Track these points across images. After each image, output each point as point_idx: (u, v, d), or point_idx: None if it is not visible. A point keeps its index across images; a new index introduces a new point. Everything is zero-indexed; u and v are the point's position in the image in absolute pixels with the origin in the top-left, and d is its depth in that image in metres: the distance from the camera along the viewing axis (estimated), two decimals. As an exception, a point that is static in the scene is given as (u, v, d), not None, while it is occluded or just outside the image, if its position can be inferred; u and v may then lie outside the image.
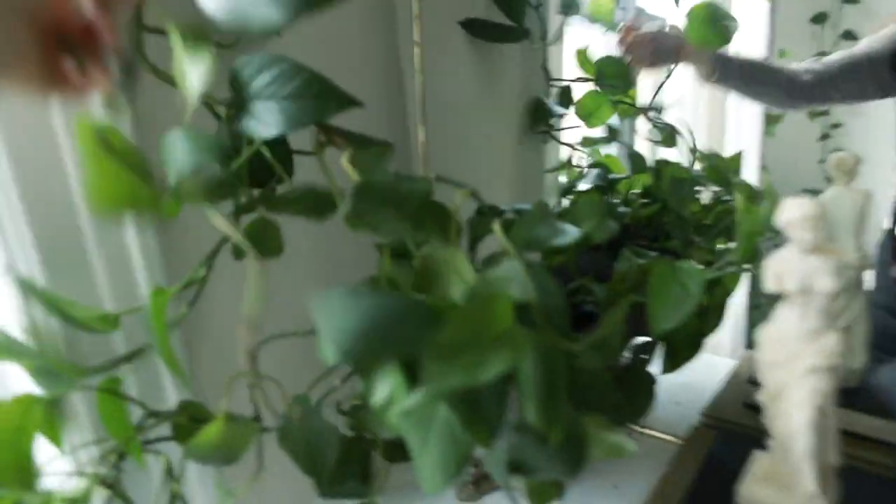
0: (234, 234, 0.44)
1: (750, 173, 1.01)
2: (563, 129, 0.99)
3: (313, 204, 0.52)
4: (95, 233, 0.49)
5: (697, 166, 0.84)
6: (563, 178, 1.00)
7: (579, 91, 0.95)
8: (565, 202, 0.89)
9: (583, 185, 0.86)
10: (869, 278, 0.81)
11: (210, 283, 0.51)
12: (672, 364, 0.64)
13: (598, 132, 1.00)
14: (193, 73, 0.41)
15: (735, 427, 0.62)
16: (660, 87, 0.95)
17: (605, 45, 1.16)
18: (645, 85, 1.04)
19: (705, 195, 0.83)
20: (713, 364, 0.83)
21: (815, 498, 0.46)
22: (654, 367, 0.61)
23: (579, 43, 0.98)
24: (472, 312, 0.37)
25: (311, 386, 0.58)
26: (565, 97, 0.96)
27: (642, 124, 1.01)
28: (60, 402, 0.48)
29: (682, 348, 0.64)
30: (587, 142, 0.99)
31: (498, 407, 0.39)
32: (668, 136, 0.93)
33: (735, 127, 1.31)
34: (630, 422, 0.61)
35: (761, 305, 0.70)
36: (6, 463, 0.43)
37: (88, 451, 0.54)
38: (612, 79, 0.93)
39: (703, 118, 1.52)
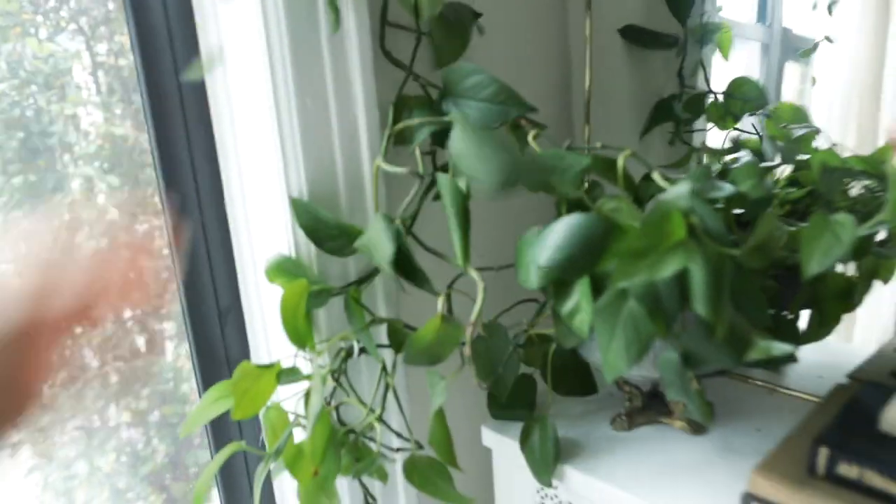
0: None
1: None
2: (692, 131, 1.06)
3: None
4: (343, 165, 0.65)
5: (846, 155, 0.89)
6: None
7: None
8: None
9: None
10: None
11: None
12: (819, 331, 0.69)
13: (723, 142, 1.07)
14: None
15: (880, 385, 0.66)
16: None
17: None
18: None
19: (855, 190, 0.87)
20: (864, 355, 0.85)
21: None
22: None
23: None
24: (652, 224, 0.47)
25: (500, 314, 0.70)
26: (694, 103, 1.04)
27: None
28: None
29: (828, 325, 0.70)
30: (708, 151, 1.06)
31: (674, 302, 0.49)
32: (809, 137, 0.98)
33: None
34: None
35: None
36: (291, 325, 0.59)
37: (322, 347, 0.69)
38: (744, 94, 1.01)
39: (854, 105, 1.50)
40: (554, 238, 0.50)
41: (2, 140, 0.69)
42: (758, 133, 1.05)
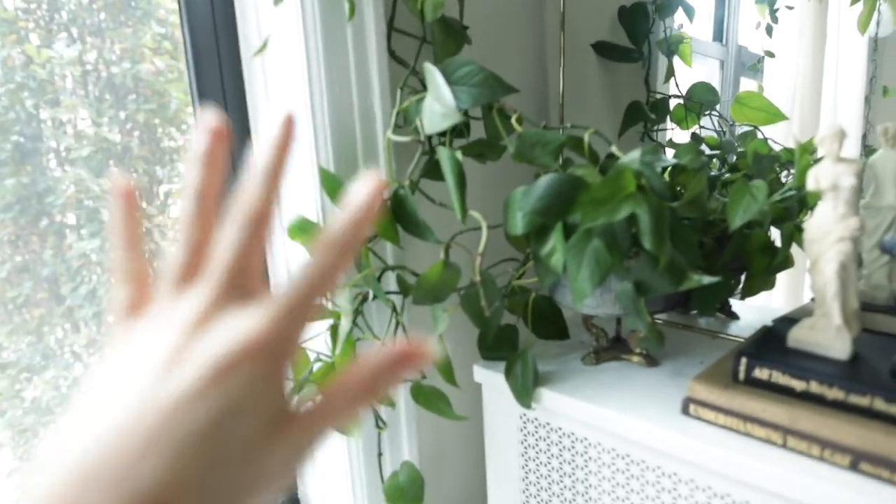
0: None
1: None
2: (658, 129, 1.22)
3: (484, 149, 0.80)
4: (362, 140, 0.78)
5: (777, 147, 1.05)
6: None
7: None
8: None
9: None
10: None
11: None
12: (750, 289, 0.85)
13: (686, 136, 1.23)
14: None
15: (791, 318, 0.82)
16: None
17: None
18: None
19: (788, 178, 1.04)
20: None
21: (841, 329, 0.65)
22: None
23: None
24: (610, 180, 0.62)
25: (489, 268, 0.83)
26: (660, 106, 1.20)
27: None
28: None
29: (758, 279, 0.85)
30: (672, 145, 1.22)
31: (626, 239, 0.63)
32: (752, 133, 1.15)
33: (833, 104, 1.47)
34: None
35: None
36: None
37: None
38: (700, 97, 1.18)
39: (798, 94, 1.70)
40: (536, 191, 0.64)
41: (-3, 143, 0.69)
42: (716, 130, 1.22)
